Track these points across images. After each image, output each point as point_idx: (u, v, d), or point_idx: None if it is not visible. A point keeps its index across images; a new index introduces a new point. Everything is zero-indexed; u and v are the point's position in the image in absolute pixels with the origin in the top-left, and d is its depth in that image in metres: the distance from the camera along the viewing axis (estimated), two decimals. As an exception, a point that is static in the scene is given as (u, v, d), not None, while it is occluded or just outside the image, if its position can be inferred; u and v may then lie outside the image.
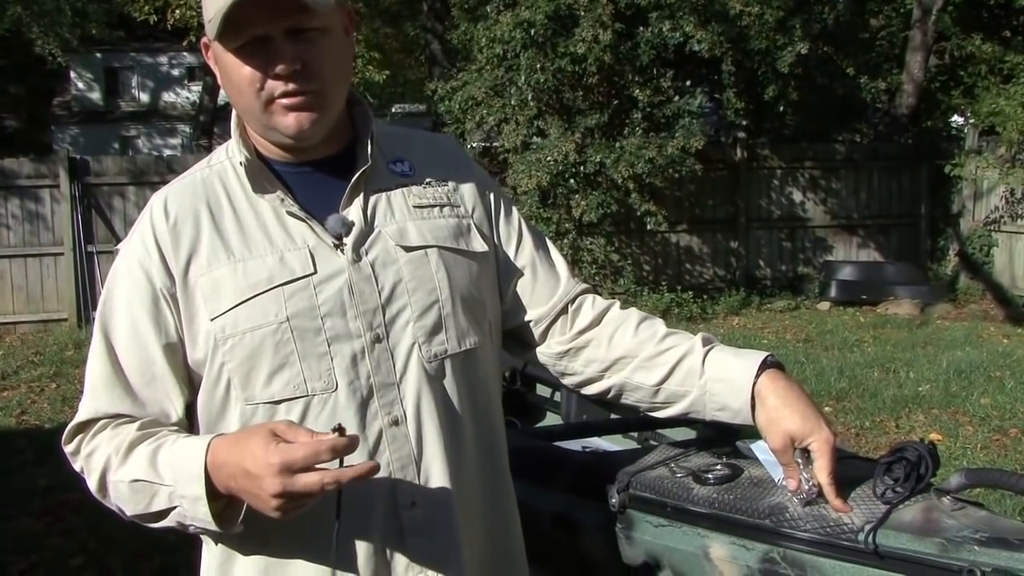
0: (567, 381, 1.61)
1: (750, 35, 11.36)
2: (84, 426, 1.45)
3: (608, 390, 1.57)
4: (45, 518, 5.13)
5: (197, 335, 1.40)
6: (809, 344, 9.31)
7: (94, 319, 1.48)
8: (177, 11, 14.51)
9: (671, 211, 11.34)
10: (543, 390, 3.25)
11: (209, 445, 1.30)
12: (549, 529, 1.79)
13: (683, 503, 1.52)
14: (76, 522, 4.97)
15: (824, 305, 11.51)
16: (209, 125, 20.22)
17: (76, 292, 10.91)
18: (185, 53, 27.98)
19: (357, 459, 1.31)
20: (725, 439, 1.70)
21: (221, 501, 1.31)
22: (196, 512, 1.31)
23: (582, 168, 10.36)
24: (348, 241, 1.41)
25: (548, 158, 10.21)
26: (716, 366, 1.48)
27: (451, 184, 1.54)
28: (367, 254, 1.42)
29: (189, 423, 1.45)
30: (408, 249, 1.43)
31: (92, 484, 1.43)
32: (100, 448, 1.41)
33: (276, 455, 1.21)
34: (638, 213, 10.71)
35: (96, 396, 1.44)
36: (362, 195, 1.45)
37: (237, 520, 1.32)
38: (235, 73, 1.37)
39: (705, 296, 11.49)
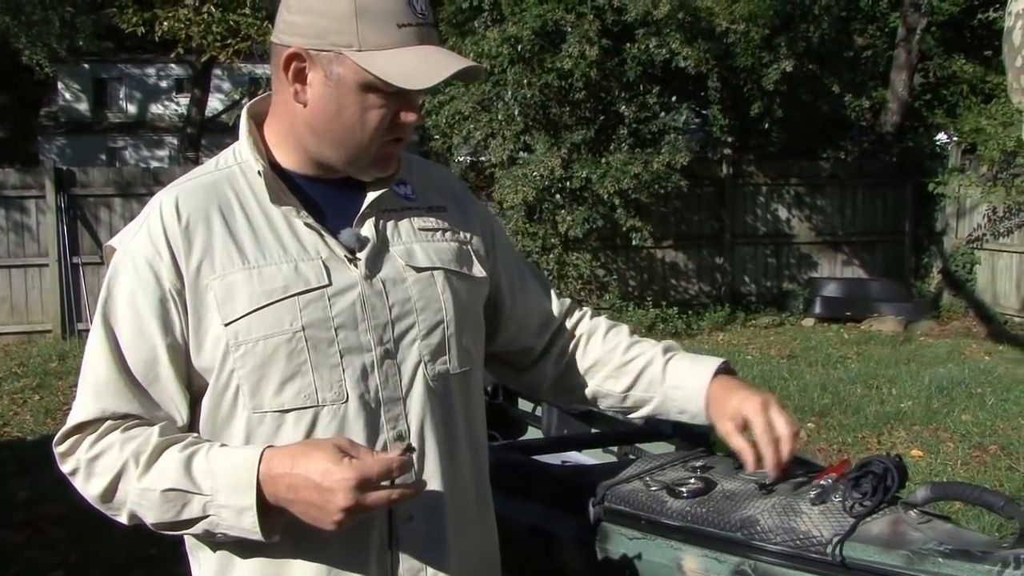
0: (545, 391, 1.73)
1: (736, 52, 11.44)
2: (85, 426, 1.40)
3: (584, 398, 1.70)
4: (25, 530, 5.10)
5: (204, 340, 1.39)
6: (793, 360, 9.35)
7: (93, 318, 1.45)
8: (165, 23, 14.54)
9: (657, 227, 11.40)
10: (525, 404, 3.26)
11: (262, 456, 1.31)
12: (526, 541, 1.80)
13: (657, 516, 1.54)
14: (57, 534, 4.95)
15: (808, 321, 11.57)
16: (196, 137, 20.22)
17: (61, 303, 10.87)
18: (173, 65, 27.96)
19: None
20: (700, 452, 1.72)
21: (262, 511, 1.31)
22: (240, 522, 1.31)
23: (568, 183, 10.40)
24: (362, 256, 1.43)
25: (534, 173, 10.25)
26: (675, 373, 1.63)
27: (450, 211, 1.58)
28: (379, 271, 1.44)
29: (190, 428, 1.44)
30: (417, 269, 1.47)
31: (95, 488, 1.39)
32: (110, 452, 1.38)
33: (351, 471, 1.24)
34: (624, 229, 10.75)
35: (101, 395, 1.39)
36: (375, 215, 1.48)
37: (278, 529, 1.33)
38: (371, 111, 1.39)
39: (690, 312, 11.54)
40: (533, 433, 3.17)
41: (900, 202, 12.80)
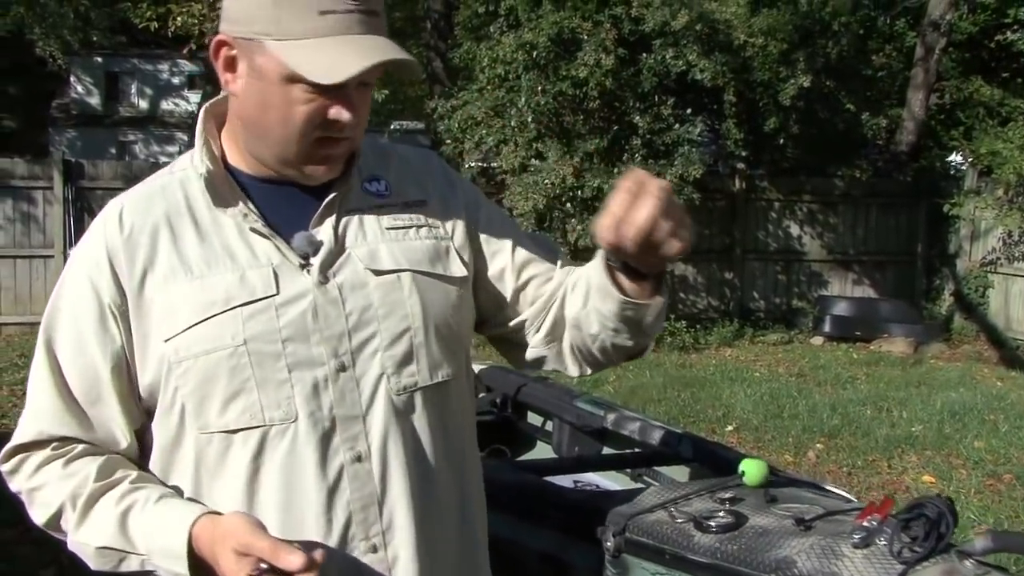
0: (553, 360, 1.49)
1: (753, 66, 11.34)
2: (26, 448, 1.37)
3: (574, 343, 1.46)
4: (18, 526, 4.99)
5: (149, 357, 1.32)
6: (802, 379, 9.23)
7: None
8: (179, 19, 14.48)
9: (667, 239, 11.25)
10: (534, 418, 3.16)
11: (192, 530, 1.23)
12: (537, 569, 1.70)
13: (683, 551, 1.43)
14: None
15: (817, 340, 11.44)
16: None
17: (64, 296, 10.79)
18: (185, 61, 27.94)
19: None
20: (729, 482, 1.61)
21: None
22: None
23: (580, 192, 10.30)
24: (315, 261, 1.33)
25: (546, 181, 10.15)
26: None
27: (429, 204, 1.44)
28: (335, 276, 1.33)
29: (139, 448, 1.38)
30: (378, 273, 1.35)
31: (39, 518, 1.37)
32: (48, 487, 1.35)
33: None
34: (634, 240, 10.63)
35: (39, 416, 1.36)
36: (334, 215, 1.37)
37: None
38: (296, 106, 1.28)
39: (698, 326, 11.42)
40: (542, 448, 3.07)
41: (913, 222, 12.68)
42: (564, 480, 2.21)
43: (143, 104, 31.27)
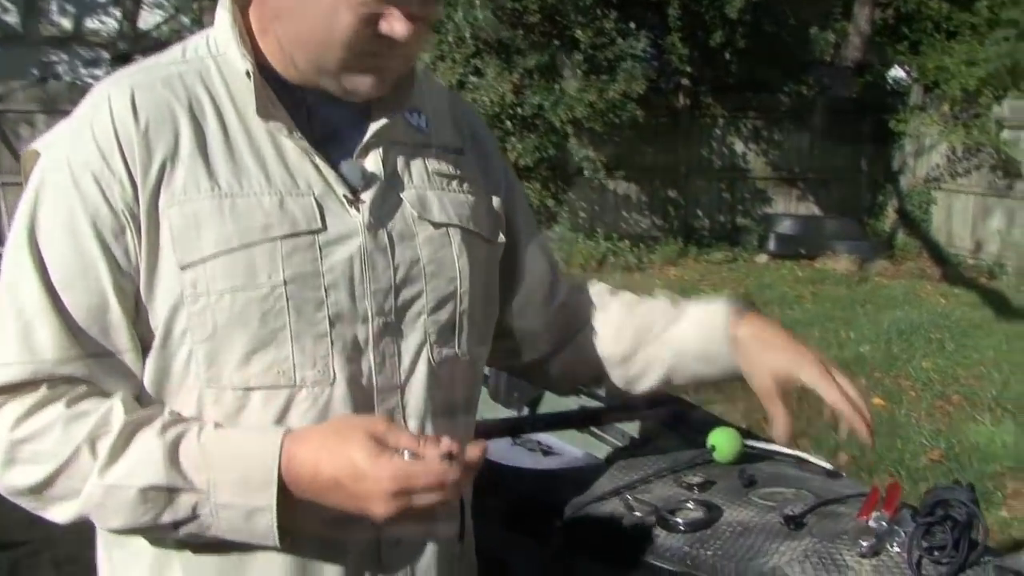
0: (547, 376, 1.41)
1: (699, -23, 10.98)
2: (7, 391, 1.02)
3: (589, 375, 1.38)
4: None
5: (157, 284, 1.04)
6: (747, 299, 9.09)
7: (7, 246, 1.06)
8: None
9: (609, 158, 11.00)
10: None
11: (282, 447, 0.99)
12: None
13: (643, 555, 1.16)
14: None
15: (762, 258, 11.33)
16: (127, 54, 19.31)
17: (-22, 226, 10.25)
18: (108, -24, 26.75)
19: None
20: (696, 459, 1.34)
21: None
22: (250, 525, 1.00)
23: (519, 110, 9.98)
24: (366, 198, 1.09)
25: (484, 99, 9.81)
26: (686, 315, 1.35)
27: (466, 155, 1.21)
28: (386, 220, 1.10)
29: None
30: (434, 224, 1.13)
31: (23, 479, 1.02)
32: (49, 433, 1.01)
33: (389, 475, 0.95)
34: (576, 159, 10.35)
35: (37, 351, 1.02)
36: (382, 146, 1.12)
37: (294, 527, 1.02)
38: (342, 13, 1.01)
39: (641, 245, 11.23)
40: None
41: (858, 139, 12.54)
42: (501, 440, 1.95)
43: (66, 23, 29.95)
